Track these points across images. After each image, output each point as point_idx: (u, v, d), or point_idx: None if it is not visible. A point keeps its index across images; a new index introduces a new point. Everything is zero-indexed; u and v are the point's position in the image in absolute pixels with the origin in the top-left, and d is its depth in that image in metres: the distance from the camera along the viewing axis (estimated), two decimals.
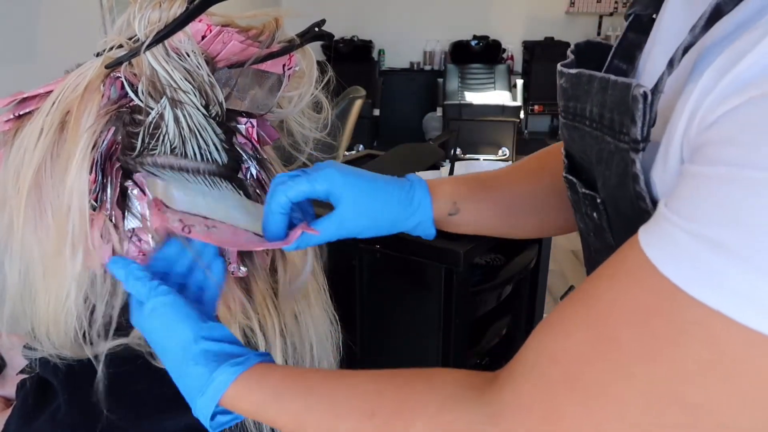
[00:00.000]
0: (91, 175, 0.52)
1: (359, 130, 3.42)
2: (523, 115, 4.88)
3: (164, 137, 0.53)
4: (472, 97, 4.88)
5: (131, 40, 0.52)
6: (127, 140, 0.54)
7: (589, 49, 0.53)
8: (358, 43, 5.23)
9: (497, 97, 4.85)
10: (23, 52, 2.02)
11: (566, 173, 0.51)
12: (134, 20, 0.51)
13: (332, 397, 0.46)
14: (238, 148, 0.58)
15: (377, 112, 4.95)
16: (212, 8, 0.50)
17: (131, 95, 0.52)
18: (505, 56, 5.24)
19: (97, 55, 0.54)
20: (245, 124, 0.58)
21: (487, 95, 4.89)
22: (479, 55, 5.13)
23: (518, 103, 4.80)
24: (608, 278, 0.37)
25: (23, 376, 0.62)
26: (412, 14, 5.40)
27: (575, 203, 0.51)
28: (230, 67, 0.55)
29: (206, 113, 0.54)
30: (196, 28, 0.51)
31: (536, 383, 0.38)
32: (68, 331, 0.54)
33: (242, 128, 0.58)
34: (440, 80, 5.24)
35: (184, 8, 0.50)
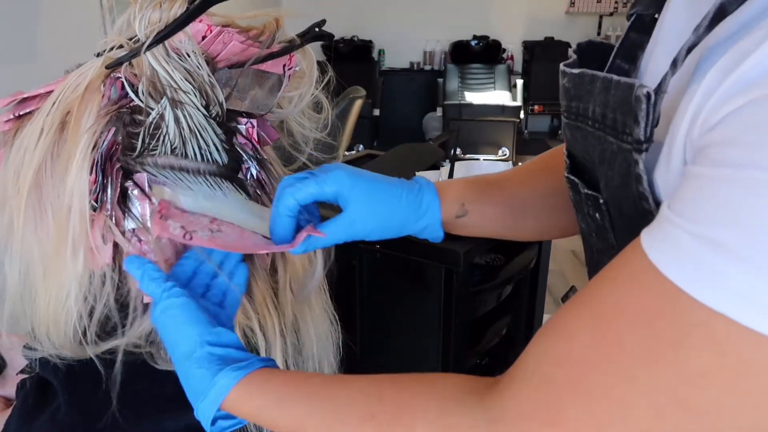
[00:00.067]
0: (91, 175, 0.52)
1: (359, 130, 3.42)
2: (523, 115, 4.88)
3: (164, 137, 0.53)
4: (472, 97, 4.88)
5: (131, 40, 0.52)
6: (127, 141, 0.54)
7: (591, 48, 0.52)
8: (358, 43, 5.23)
9: (497, 97, 4.85)
10: (23, 52, 2.02)
11: (568, 173, 0.51)
12: (134, 20, 0.51)
13: (333, 400, 0.46)
14: (238, 148, 0.58)
15: (377, 112, 4.95)
16: (212, 8, 0.51)
17: (131, 96, 0.52)
18: (505, 56, 5.25)
19: (97, 55, 0.54)
20: (245, 124, 0.58)
21: (487, 95, 4.89)
22: (479, 55, 5.13)
23: (518, 103, 4.80)
24: (611, 281, 0.37)
25: (23, 376, 0.62)
26: (412, 14, 5.40)
27: (577, 203, 0.51)
28: (230, 67, 0.55)
29: (206, 113, 0.54)
30: (196, 28, 0.51)
31: (538, 387, 0.38)
32: (68, 331, 0.54)
33: (242, 128, 0.58)
34: (440, 80, 5.24)
35: (184, 8, 0.50)
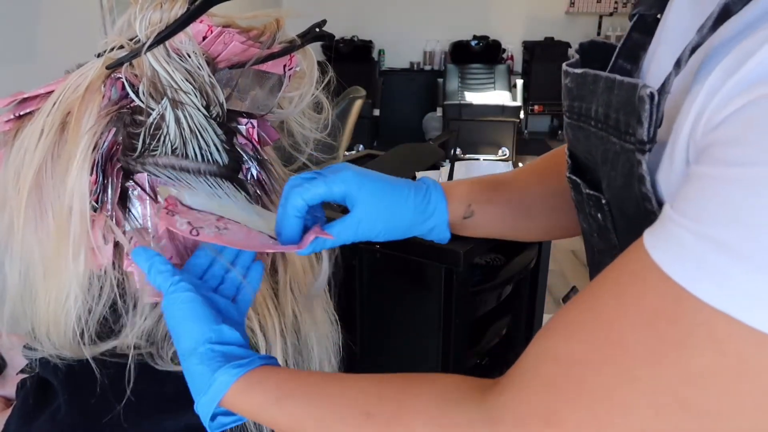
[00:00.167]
0: (91, 176, 0.52)
1: (359, 130, 3.42)
2: (523, 115, 4.88)
3: (165, 138, 0.53)
4: (472, 97, 4.88)
5: (132, 40, 0.52)
6: (127, 141, 0.54)
7: (593, 48, 0.52)
8: (358, 43, 5.23)
9: (497, 97, 4.85)
10: (23, 52, 2.02)
11: (570, 173, 0.51)
12: (135, 21, 0.51)
13: (332, 398, 0.46)
14: (238, 148, 0.58)
15: (377, 112, 4.95)
16: (213, 9, 0.51)
17: (132, 96, 0.52)
18: (505, 56, 5.24)
19: (98, 55, 0.54)
20: (246, 124, 0.58)
21: (487, 95, 4.89)
22: (479, 55, 5.13)
23: (518, 103, 4.80)
24: (613, 281, 0.37)
25: (23, 376, 0.62)
26: (412, 14, 5.40)
27: (579, 204, 0.51)
28: (231, 67, 0.55)
29: (207, 114, 0.54)
30: (197, 28, 0.51)
31: (538, 387, 0.38)
32: (68, 331, 0.54)
33: (243, 129, 0.58)
34: (440, 80, 5.24)
35: (185, 9, 0.50)
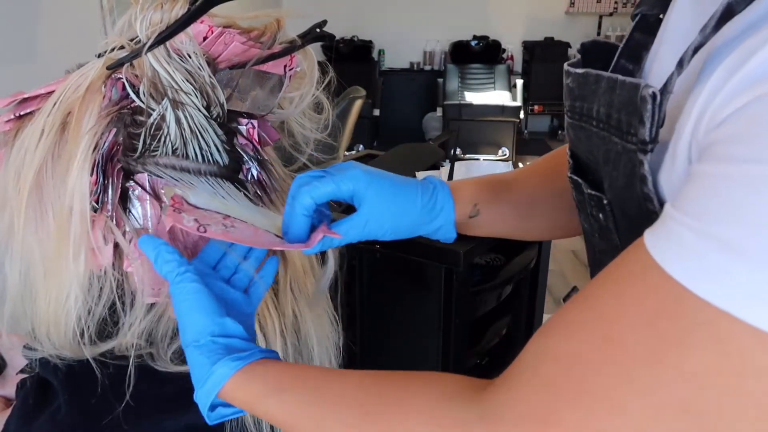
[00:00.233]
0: (92, 176, 0.52)
1: (359, 130, 3.41)
2: (522, 115, 4.87)
3: (165, 138, 0.53)
4: (472, 97, 4.87)
5: (133, 41, 0.52)
6: (128, 141, 0.54)
7: (595, 48, 0.52)
8: (358, 43, 5.23)
9: (497, 97, 4.85)
10: (23, 52, 2.02)
11: (571, 173, 0.51)
12: (136, 21, 0.51)
13: (327, 393, 0.46)
14: (239, 149, 0.58)
15: (377, 112, 4.95)
16: (214, 9, 0.51)
17: (132, 96, 0.52)
18: (505, 56, 5.24)
19: (98, 56, 0.54)
20: (246, 125, 0.58)
21: (487, 95, 4.89)
22: (479, 55, 5.13)
23: (518, 103, 4.80)
24: (613, 281, 0.36)
25: (23, 376, 0.62)
26: (412, 14, 5.40)
27: (580, 204, 0.51)
28: (231, 68, 0.55)
29: (207, 114, 0.54)
30: (197, 29, 0.51)
31: (535, 386, 0.38)
32: (68, 331, 0.54)
33: (243, 129, 0.58)
34: (440, 80, 5.24)
35: (185, 9, 0.50)
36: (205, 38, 0.52)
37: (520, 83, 5.10)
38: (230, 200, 0.55)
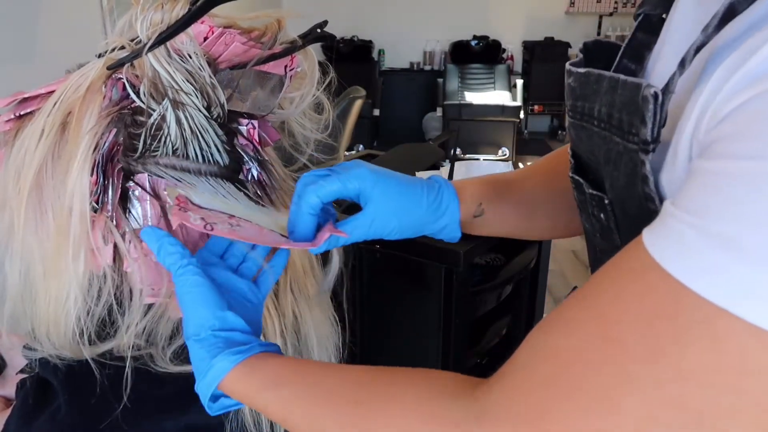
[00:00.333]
0: (92, 176, 0.52)
1: (359, 130, 3.42)
2: (522, 115, 4.87)
3: (166, 139, 0.53)
4: (472, 97, 4.87)
5: (133, 41, 0.52)
6: (128, 142, 0.54)
7: (597, 48, 0.52)
8: (358, 43, 5.23)
9: (497, 97, 4.85)
10: (23, 52, 2.02)
11: (572, 173, 0.51)
12: (136, 21, 0.51)
13: (323, 387, 0.46)
14: (239, 149, 0.58)
15: (377, 112, 4.95)
16: (214, 10, 0.50)
17: (133, 97, 0.52)
18: (505, 56, 5.24)
19: (99, 56, 0.54)
20: (246, 125, 0.58)
21: (487, 95, 4.89)
22: (479, 55, 5.13)
23: (518, 103, 4.80)
24: (611, 278, 0.36)
25: (23, 376, 0.62)
26: (412, 14, 5.40)
27: (581, 203, 0.51)
28: (232, 68, 0.55)
29: (208, 115, 0.54)
30: (198, 29, 0.51)
31: (530, 383, 0.37)
32: (68, 332, 0.54)
33: (243, 129, 0.58)
34: (440, 80, 5.24)
35: (186, 10, 0.50)
36: (205, 38, 0.52)
37: (520, 83, 5.10)
38: (231, 200, 0.55)
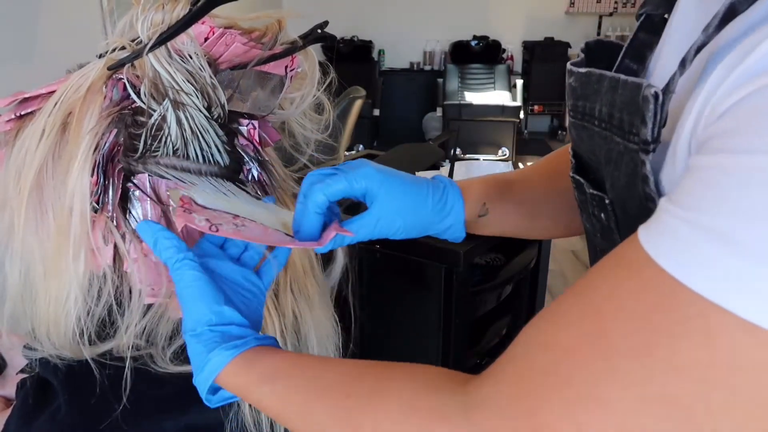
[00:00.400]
0: (92, 177, 0.52)
1: (359, 130, 3.42)
2: (522, 115, 4.87)
3: (166, 139, 0.53)
4: (472, 97, 4.87)
5: (134, 41, 0.52)
6: (129, 142, 0.54)
7: (599, 48, 0.52)
8: (358, 43, 5.22)
9: (497, 97, 4.85)
10: (23, 52, 2.02)
11: (573, 173, 0.51)
12: (137, 22, 0.51)
13: (316, 380, 0.46)
14: (239, 149, 0.58)
15: (377, 112, 4.95)
16: (215, 10, 0.50)
17: (133, 97, 0.52)
18: (505, 56, 5.24)
19: (99, 56, 0.54)
20: (247, 125, 0.59)
21: (487, 95, 4.89)
22: (479, 55, 5.13)
23: (518, 103, 4.79)
24: (605, 274, 0.36)
25: (23, 375, 0.62)
26: (412, 14, 5.39)
27: (582, 203, 0.51)
28: (233, 68, 0.55)
29: (208, 115, 0.54)
30: (199, 30, 0.51)
31: (520, 375, 0.37)
32: (68, 332, 0.54)
33: (244, 130, 0.58)
34: (440, 80, 5.24)
35: (187, 10, 0.50)
36: (206, 39, 0.52)
37: (520, 83, 5.10)
38: (232, 197, 0.55)
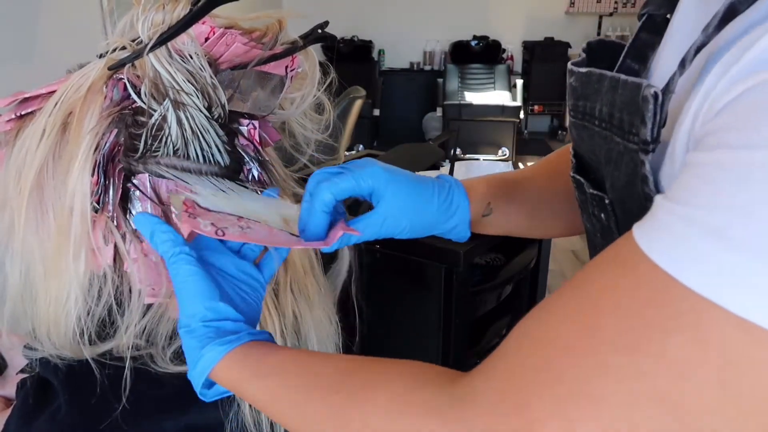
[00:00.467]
0: (93, 176, 0.52)
1: (359, 130, 3.42)
2: (522, 115, 4.87)
3: (167, 139, 0.53)
4: (472, 97, 4.87)
5: (134, 41, 0.52)
6: (129, 142, 0.54)
7: (601, 48, 0.52)
8: (358, 43, 5.23)
9: (497, 97, 4.85)
10: (23, 52, 2.02)
11: (574, 173, 0.51)
12: (137, 22, 0.51)
13: (306, 375, 0.46)
14: (239, 149, 0.58)
15: (377, 112, 4.95)
16: (216, 10, 0.51)
17: (134, 97, 0.52)
18: (505, 56, 5.24)
19: (100, 56, 0.54)
20: (247, 125, 0.59)
21: (487, 95, 4.89)
22: (479, 55, 5.13)
23: (518, 103, 4.80)
24: (600, 270, 0.36)
25: (23, 375, 0.62)
26: (412, 14, 5.39)
27: (582, 203, 0.51)
28: (233, 68, 0.55)
29: (208, 115, 0.54)
30: (199, 30, 0.51)
31: (510, 370, 0.37)
32: (68, 332, 0.54)
33: (244, 130, 0.58)
34: (440, 80, 5.24)
35: (187, 10, 0.50)
36: (206, 39, 0.52)
37: (520, 83, 5.10)
38: (233, 195, 0.55)
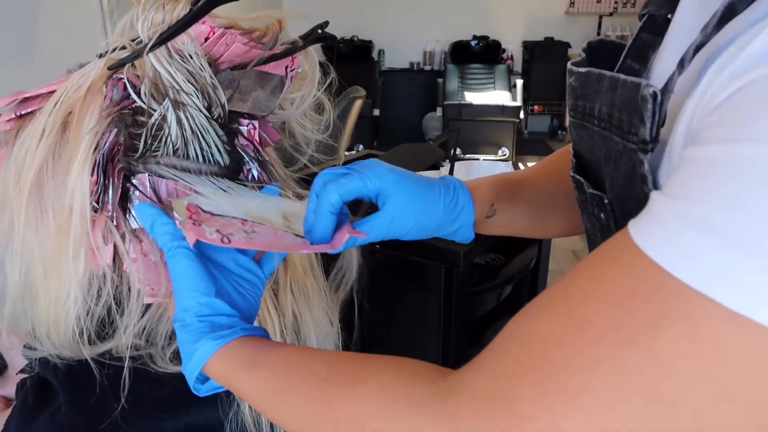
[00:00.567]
0: (92, 176, 0.52)
1: (359, 130, 3.42)
2: (522, 115, 4.88)
3: (167, 139, 0.53)
4: (472, 97, 4.88)
5: (134, 41, 0.52)
6: (129, 142, 0.54)
7: (601, 48, 0.52)
8: (358, 43, 5.23)
9: (497, 97, 4.85)
10: (23, 52, 2.02)
11: (574, 173, 0.51)
12: (137, 22, 0.51)
13: (295, 368, 0.46)
14: (239, 149, 0.58)
15: (377, 112, 4.95)
16: (216, 10, 0.51)
17: (134, 97, 0.52)
18: (505, 56, 5.25)
19: (99, 56, 0.54)
20: (247, 125, 0.59)
21: (487, 95, 4.89)
22: (479, 55, 5.13)
23: (518, 103, 4.80)
24: (594, 265, 0.36)
25: (23, 376, 0.62)
26: (412, 14, 5.40)
27: (582, 203, 0.51)
28: (233, 68, 0.55)
29: (208, 115, 0.54)
30: (199, 29, 0.51)
31: (499, 362, 0.36)
32: (68, 331, 0.54)
33: (244, 130, 0.58)
34: (440, 80, 5.24)
35: (187, 10, 0.50)
36: (206, 39, 0.52)
37: (520, 83, 5.10)
38: (233, 194, 0.55)
